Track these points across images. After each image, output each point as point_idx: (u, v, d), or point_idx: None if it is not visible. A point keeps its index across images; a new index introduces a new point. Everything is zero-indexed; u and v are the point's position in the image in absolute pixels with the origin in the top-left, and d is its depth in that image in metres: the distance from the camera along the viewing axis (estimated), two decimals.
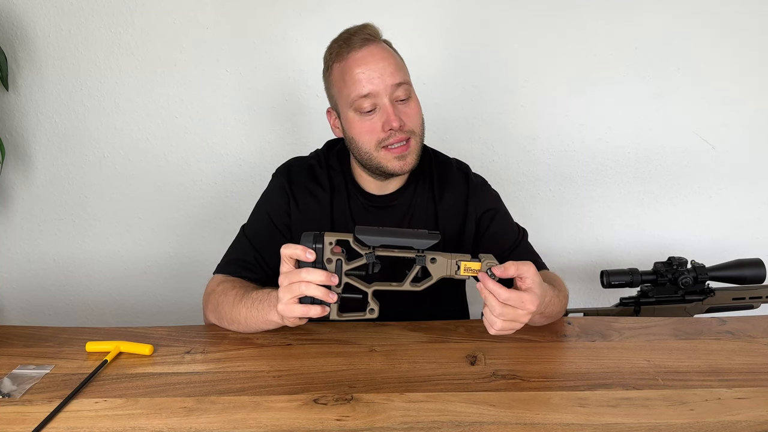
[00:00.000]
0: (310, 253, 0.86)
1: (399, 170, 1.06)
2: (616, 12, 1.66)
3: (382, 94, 1.02)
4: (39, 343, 1.00)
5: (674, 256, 1.31)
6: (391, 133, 1.03)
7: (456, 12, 1.66)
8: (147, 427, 0.76)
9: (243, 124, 1.72)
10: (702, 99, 1.73)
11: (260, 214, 1.17)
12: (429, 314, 1.10)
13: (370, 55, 1.03)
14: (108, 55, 1.66)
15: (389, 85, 1.02)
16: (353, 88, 1.02)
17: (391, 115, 1.02)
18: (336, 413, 0.78)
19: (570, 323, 1.07)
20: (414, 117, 1.06)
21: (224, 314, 1.03)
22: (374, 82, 1.01)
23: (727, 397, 0.82)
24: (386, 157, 1.05)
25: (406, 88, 1.04)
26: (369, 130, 1.04)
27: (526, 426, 0.76)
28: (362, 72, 1.02)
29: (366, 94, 1.02)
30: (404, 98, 1.04)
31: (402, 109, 1.04)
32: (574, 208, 1.80)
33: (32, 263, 1.81)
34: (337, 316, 0.89)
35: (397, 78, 1.03)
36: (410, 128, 1.05)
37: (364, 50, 1.03)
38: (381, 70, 1.02)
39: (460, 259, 0.88)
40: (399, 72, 1.04)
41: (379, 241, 0.87)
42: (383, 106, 1.03)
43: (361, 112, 1.03)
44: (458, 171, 1.19)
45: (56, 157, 1.73)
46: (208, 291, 1.09)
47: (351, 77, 1.03)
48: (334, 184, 1.15)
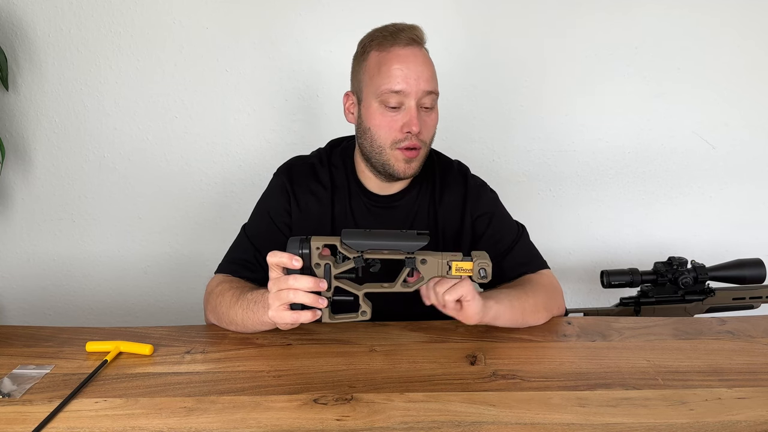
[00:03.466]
0: (297, 260, 0.86)
1: (402, 173, 1.07)
2: (616, 12, 1.66)
3: (412, 96, 1.04)
4: (39, 343, 1.00)
5: (674, 256, 1.31)
6: (407, 136, 1.05)
7: (456, 12, 1.66)
8: (147, 427, 0.76)
9: (243, 125, 1.72)
10: (702, 99, 1.73)
11: (261, 214, 1.17)
12: (423, 317, 1.10)
13: (413, 56, 1.04)
14: (108, 55, 1.66)
15: (422, 90, 1.04)
16: (387, 80, 1.03)
17: (413, 119, 1.04)
18: (336, 413, 0.79)
19: (570, 323, 1.07)
20: (431, 128, 1.09)
21: (222, 315, 1.03)
22: (409, 82, 1.03)
23: (727, 397, 0.82)
24: (396, 157, 1.06)
25: (433, 99, 1.07)
26: (388, 126, 1.05)
27: (526, 426, 0.76)
28: (400, 69, 1.03)
29: (398, 90, 1.03)
30: (429, 107, 1.06)
31: (424, 117, 1.06)
32: (574, 208, 1.80)
33: (32, 263, 1.81)
34: (330, 318, 0.89)
35: (430, 86, 1.05)
36: (424, 138, 1.08)
37: (408, 49, 1.05)
38: (419, 74, 1.03)
39: (451, 258, 0.88)
40: (433, 81, 1.06)
41: (365, 245, 0.87)
42: (409, 107, 1.04)
43: (386, 105, 1.05)
44: (458, 173, 1.20)
45: (56, 157, 1.73)
46: (208, 291, 1.10)
47: (388, 70, 1.04)
48: (336, 183, 1.15)
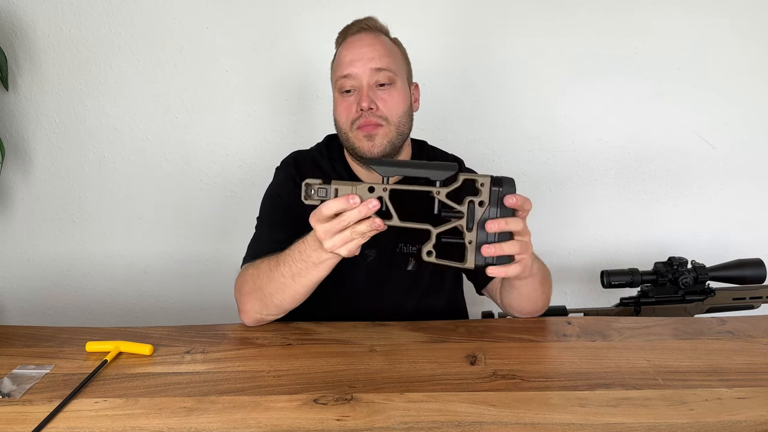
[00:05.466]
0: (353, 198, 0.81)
1: (368, 151, 1.08)
2: (616, 12, 1.66)
3: (362, 77, 1.07)
4: (39, 343, 1.00)
5: (674, 256, 1.31)
6: (362, 114, 1.06)
7: (456, 12, 1.66)
8: (147, 427, 0.76)
9: (243, 124, 1.72)
10: (702, 99, 1.73)
11: (273, 203, 1.16)
12: (422, 308, 1.10)
13: (358, 40, 1.09)
14: (108, 55, 1.66)
15: (369, 68, 1.07)
16: (338, 68, 1.10)
17: (363, 96, 1.06)
18: (336, 413, 0.78)
19: (570, 323, 1.07)
20: (392, 105, 1.08)
21: (265, 287, 0.99)
22: (356, 64, 1.07)
23: (727, 397, 0.82)
24: (357, 136, 1.08)
25: (387, 75, 1.07)
26: (345, 109, 1.09)
27: (526, 426, 0.76)
28: (347, 54, 1.09)
29: (346, 74, 1.08)
30: (384, 83, 1.08)
31: (380, 94, 1.08)
32: (574, 208, 1.80)
33: (32, 263, 1.81)
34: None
35: (379, 63, 1.07)
36: (384, 114, 1.07)
37: (355, 36, 1.10)
38: (364, 54, 1.07)
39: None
40: (383, 58, 1.08)
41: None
42: (361, 87, 1.07)
43: (341, 91, 1.09)
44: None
45: (56, 157, 1.73)
46: (241, 282, 1.05)
47: (339, 59, 1.11)
48: (338, 175, 1.16)
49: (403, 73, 1.12)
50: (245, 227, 1.20)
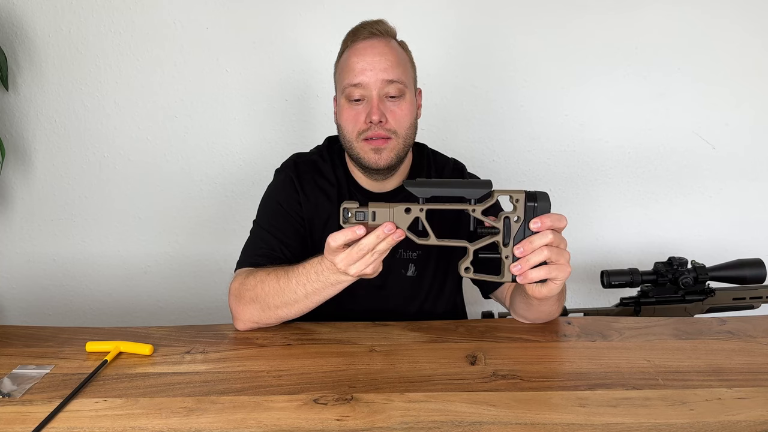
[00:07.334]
0: (359, 229, 0.83)
1: (374, 164, 1.07)
2: (616, 12, 1.66)
3: (372, 87, 1.04)
4: (39, 343, 1.00)
5: (674, 256, 1.31)
6: (371, 126, 1.05)
7: (456, 12, 1.66)
8: (147, 427, 0.76)
9: (243, 124, 1.72)
10: (702, 99, 1.73)
11: (272, 207, 1.15)
12: (423, 315, 1.10)
13: (370, 47, 1.05)
14: (108, 55, 1.66)
15: (380, 79, 1.04)
16: (347, 75, 1.06)
17: (374, 108, 1.04)
18: (336, 413, 0.78)
19: (570, 323, 1.07)
20: (401, 118, 1.07)
21: (270, 300, 0.98)
22: (366, 73, 1.04)
23: (727, 397, 0.82)
24: (364, 149, 1.07)
25: (398, 87, 1.05)
26: (353, 119, 1.07)
27: (526, 426, 0.76)
28: (358, 62, 1.05)
29: (356, 83, 1.05)
30: (395, 95, 1.06)
31: (390, 106, 1.06)
32: (574, 208, 1.80)
33: (32, 263, 1.81)
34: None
35: (391, 75, 1.04)
36: (393, 128, 1.06)
37: (366, 42, 1.06)
38: (375, 64, 1.04)
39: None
40: (394, 69, 1.05)
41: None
42: (370, 98, 1.05)
43: (350, 99, 1.06)
44: (454, 170, 1.21)
45: (56, 157, 1.73)
46: (237, 286, 1.04)
47: (348, 65, 1.06)
48: (339, 179, 1.16)
49: (411, 82, 1.10)
50: (245, 227, 1.20)
